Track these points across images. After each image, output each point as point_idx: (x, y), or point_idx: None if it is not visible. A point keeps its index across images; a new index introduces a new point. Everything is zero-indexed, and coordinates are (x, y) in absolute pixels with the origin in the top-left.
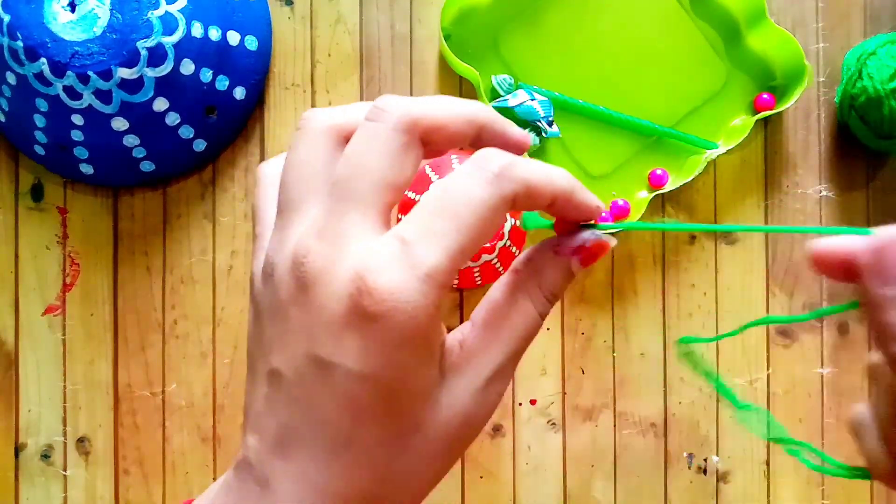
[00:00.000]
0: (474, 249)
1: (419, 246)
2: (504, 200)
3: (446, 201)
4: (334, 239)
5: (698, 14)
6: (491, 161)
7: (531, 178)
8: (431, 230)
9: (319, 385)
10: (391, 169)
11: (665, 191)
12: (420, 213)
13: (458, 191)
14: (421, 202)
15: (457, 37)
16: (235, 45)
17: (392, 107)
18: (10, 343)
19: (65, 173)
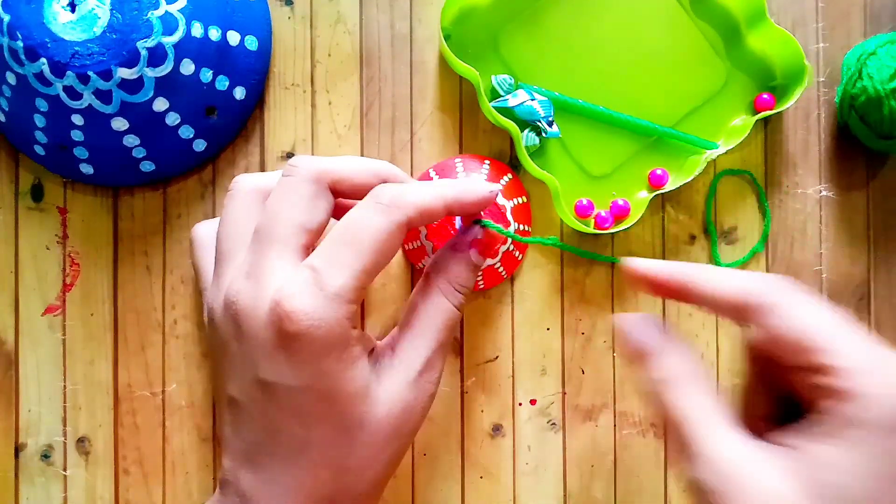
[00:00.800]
0: (377, 268)
1: (326, 272)
2: (397, 225)
3: (348, 232)
4: (258, 277)
5: (698, 14)
6: (382, 195)
7: (418, 202)
8: (336, 257)
9: (268, 403)
10: (303, 214)
11: (665, 191)
12: (327, 244)
13: (357, 222)
14: (328, 235)
15: (457, 37)
16: (235, 45)
17: (303, 163)
18: (10, 343)
19: (65, 173)
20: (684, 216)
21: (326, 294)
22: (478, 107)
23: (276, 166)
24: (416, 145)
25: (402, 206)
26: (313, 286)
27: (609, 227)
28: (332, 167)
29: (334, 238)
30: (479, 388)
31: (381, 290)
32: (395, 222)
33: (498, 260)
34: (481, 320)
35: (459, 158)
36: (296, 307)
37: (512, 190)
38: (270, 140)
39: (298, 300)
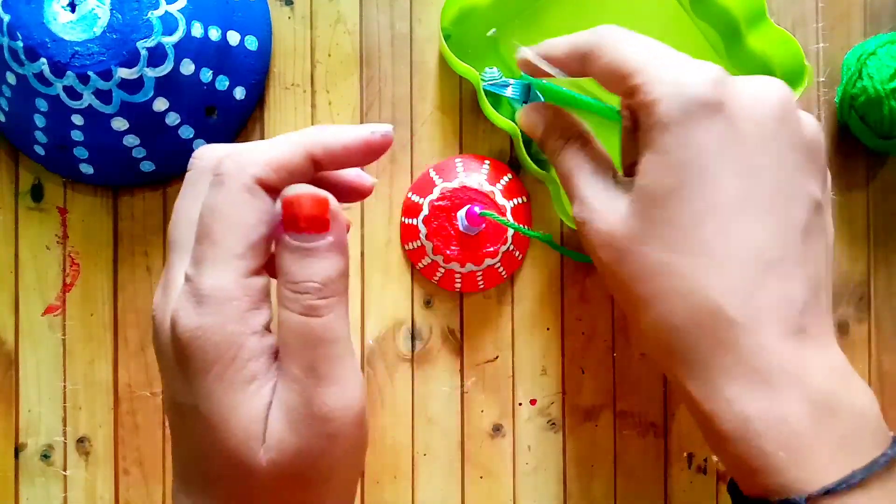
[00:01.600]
0: (249, 247)
1: (196, 276)
2: (243, 191)
3: (200, 224)
4: (165, 290)
5: (698, 14)
6: (219, 165)
7: (266, 157)
8: (200, 256)
9: (181, 427)
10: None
11: None
12: (193, 244)
13: (204, 208)
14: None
15: (457, 37)
16: (235, 45)
17: (206, 157)
18: (10, 343)
19: (65, 173)
20: None
21: (199, 299)
22: (478, 107)
23: None
24: (416, 145)
25: (245, 167)
26: (188, 294)
27: None
28: (243, 167)
29: (196, 235)
30: (479, 388)
31: (381, 291)
32: (238, 189)
33: (498, 260)
34: (481, 320)
35: (459, 158)
36: (178, 319)
37: (512, 190)
38: None
39: (181, 312)
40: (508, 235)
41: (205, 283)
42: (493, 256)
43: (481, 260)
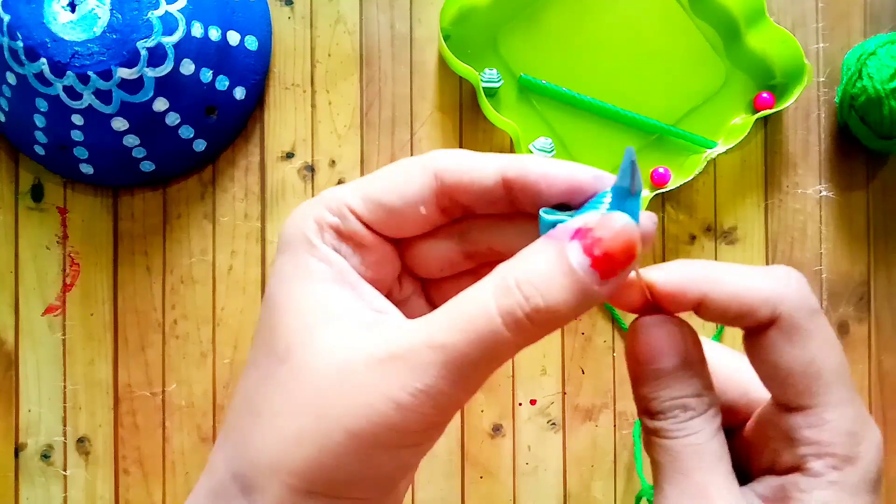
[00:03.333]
0: (380, 200)
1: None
2: (423, 173)
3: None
4: None
5: (698, 13)
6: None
7: (462, 158)
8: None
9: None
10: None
11: (665, 190)
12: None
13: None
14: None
15: (456, 37)
16: (235, 45)
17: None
18: (10, 343)
19: (65, 173)
20: (684, 216)
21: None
22: (478, 107)
23: (276, 166)
24: (416, 145)
25: (445, 156)
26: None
27: None
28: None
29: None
30: None
31: None
32: (424, 165)
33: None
34: None
35: None
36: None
37: None
38: (270, 140)
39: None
40: None
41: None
42: (612, 274)
43: None
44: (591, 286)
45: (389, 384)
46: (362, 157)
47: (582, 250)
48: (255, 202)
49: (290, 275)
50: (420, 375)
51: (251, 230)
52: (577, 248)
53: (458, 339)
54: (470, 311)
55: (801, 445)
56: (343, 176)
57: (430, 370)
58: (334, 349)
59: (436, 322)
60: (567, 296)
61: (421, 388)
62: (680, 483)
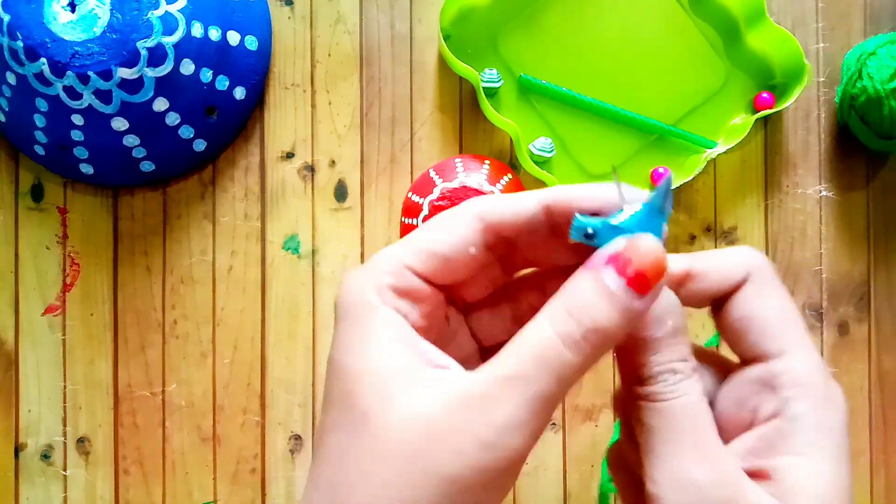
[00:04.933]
0: (441, 261)
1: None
2: (479, 239)
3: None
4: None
5: (698, 13)
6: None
7: (494, 208)
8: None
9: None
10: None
11: None
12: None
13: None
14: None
15: (456, 37)
16: (235, 45)
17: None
18: (10, 343)
19: (65, 173)
20: (684, 216)
21: (372, 276)
22: (478, 107)
23: (276, 166)
24: (416, 145)
25: (470, 214)
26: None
27: None
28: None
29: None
30: None
31: None
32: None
33: None
34: None
35: (459, 158)
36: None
37: (512, 190)
38: (270, 140)
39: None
40: None
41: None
42: (646, 289)
43: None
44: (632, 303)
45: (472, 425)
46: (362, 157)
47: (616, 273)
48: (255, 202)
49: (356, 340)
50: (499, 410)
51: (251, 230)
52: (612, 272)
53: (527, 368)
54: (532, 341)
55: (783, 389)
56: (343, 176)
57: (507, 403)
58: (411, 407)
59: (502, 359)
60: (612, 314)
61: (502, 422)
62: (675, 441)
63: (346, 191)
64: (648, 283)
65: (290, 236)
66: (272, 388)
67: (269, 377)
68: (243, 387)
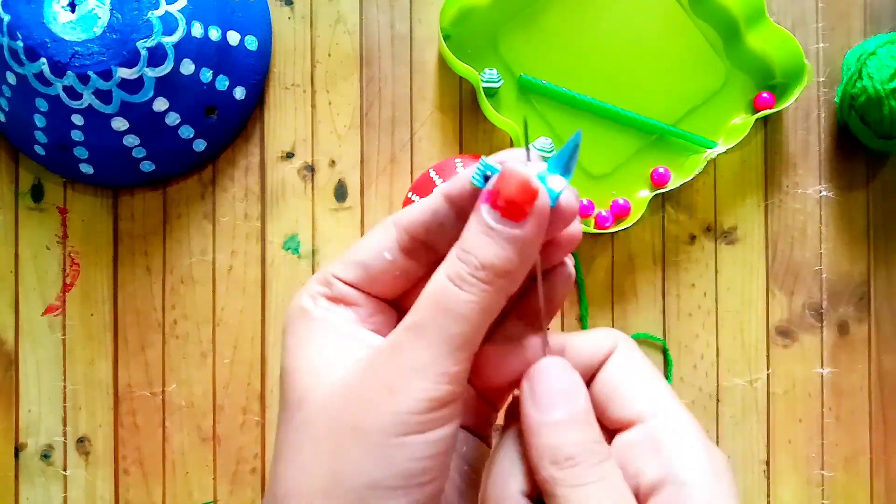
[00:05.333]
0: (373, 272)
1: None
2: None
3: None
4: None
5: (698, 13)
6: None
7: (403, 212)
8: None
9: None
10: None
11: (665, 190)
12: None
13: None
14: None
15: (456, 37)
16: (235, 45)
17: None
18: (10, 343)
19: (65, 173)
20: (684, 216)
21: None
22: (478, 107)
23: (276, 166)
24: (416, 145)
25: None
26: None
27: (609, 226)
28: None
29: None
30: None
31: None
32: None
33: None
34: None
35: (459, 158)
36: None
37: None
38: (270, 140)
39: None
40: None
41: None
42: (521, 217)
43: None
44: (511, 232)
45: (380, 375)
46: (362, 157)
47: (490, 207)
48: (255, 202)
49: (294, 343)
50: (402, 356)
51: (251, 230)
52: (487, 207)
53: (426, 314)
54: (428, 289)
55: (665, 449)
56: (343, 176)
57: (409, 349)
58: (335, 377)
59: (409, 313)
60: (494, 247)
61: (405, 366)
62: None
63: (346, 191)
64: (521, 208)
65: (290, 236)
66: (272, 388)
67: (269, 377)
68: (243, 387)
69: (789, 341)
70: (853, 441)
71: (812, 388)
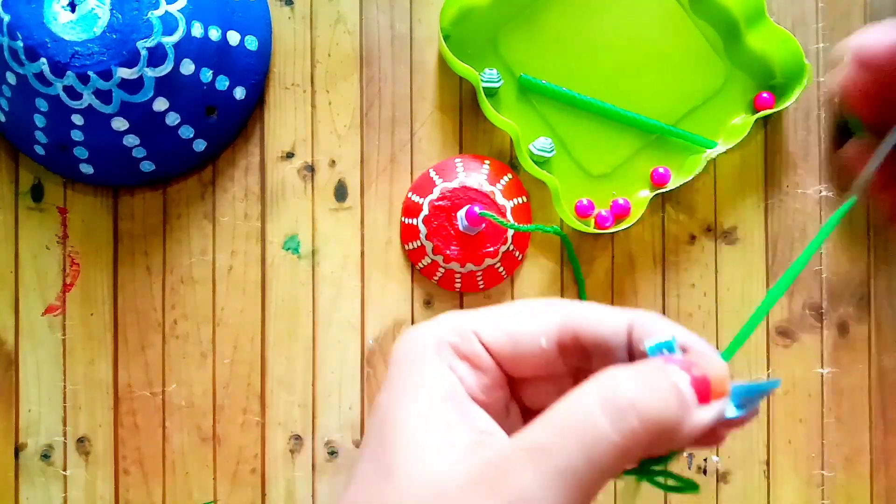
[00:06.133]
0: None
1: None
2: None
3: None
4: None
5: (697, 13)
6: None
7: (579, 312)
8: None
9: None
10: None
11: (665, 190)
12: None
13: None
14: None
15: (456, 37)
16: (235, 45)
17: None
18: (10, 343)
19: (65, 173)
20: (684, 216)
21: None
22: (478, 107)
23: (276, 166)
24: (416, 145)
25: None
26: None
27: (609, 226)
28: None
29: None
30: None
31: (381, 291)
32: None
33: (498, 260)
34: None
35: (459, 158)
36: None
37: (512, 190)
38: (270, 140)
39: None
40: (508, 235)
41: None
42: (493, 256)
43: (481, 260)
44: (691, 403)
45: (482, 494)
46: (362, 157)
47: (682, 370)
48: (255, 202)
49: (402, 387)
50: (512, 481)
51: (251, 230)
52: (678, 368)
53: (553, 438)
54: (565, 407)
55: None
56: (343, 176)
57: (522, 475)
58: (434, 468)
59: (533, 427)
60: (669, 403)
61: (513, 495)
62: None
63: (346, 191)
64: (709, 392)
65: (290, 236)
66: (272, 388)
67: (269, 377)
68: (243, 387)
69: (789, 341)
70: (853, 441)
71: (812, 388)
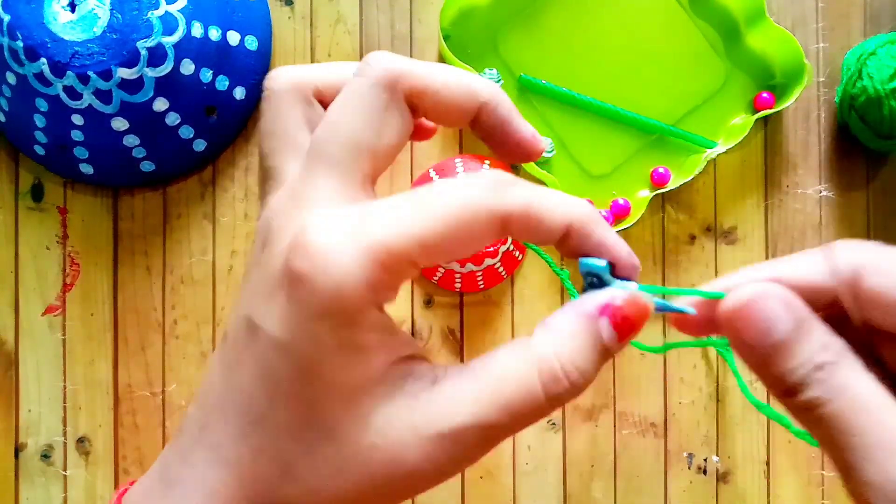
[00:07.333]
0: (440, 247)
1: (374, 218)
2: (491, 212)
3: (429, 194)
4: (300, 202)
5: (697, 13)
6: (489, 175)
7: (533, 201)
8: (396, 210)
9: (245, 349)
10: (366, 130)
11: (665, 190)
12: (397, 196)
13: (445, 188)
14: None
15: (456, 37)
16: (235, 45)
17: (376, 62)
18: (10, 343)
19: (65, 173)
20: (684, 216)
21: (359, 243)
22: None
23: None
24: (416, 145)
25: (509, 196)
26: (350, 229)
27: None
28: (413, 72)
29: (410, 195)
30: None
31: None
32: (490, 208)
33: (498, 260)
34: (481, 320)
35: (459, 158)
36: (313, 242)
37: None
38: None
39: (323, 237)
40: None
41: (377, 233)
42: (493, 256)
43: (481, 260)
44: (612, 348)
45: (438, 459)
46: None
47: (611, 324)
48: (255, 202)
49: (333, 347)
50: (466, 452)
51: (251, 230)
52: (607, 323)
53: (506, 420)
54: (516, 393)
55: None
56: None
57: (476, 447)
58: (382, 429)
59: (484, 404)
60: (598, 362)
61: (464, 458)
62: (865, 447)
63: None
64: (633, 333)
65: None
66: None
67: None
68: None
69: None
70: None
71: None
